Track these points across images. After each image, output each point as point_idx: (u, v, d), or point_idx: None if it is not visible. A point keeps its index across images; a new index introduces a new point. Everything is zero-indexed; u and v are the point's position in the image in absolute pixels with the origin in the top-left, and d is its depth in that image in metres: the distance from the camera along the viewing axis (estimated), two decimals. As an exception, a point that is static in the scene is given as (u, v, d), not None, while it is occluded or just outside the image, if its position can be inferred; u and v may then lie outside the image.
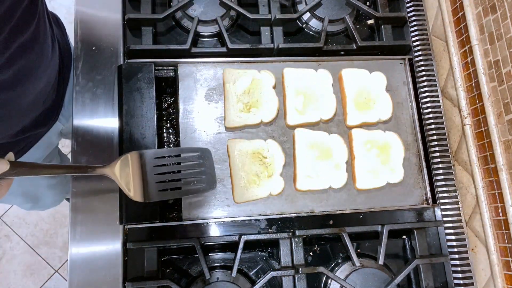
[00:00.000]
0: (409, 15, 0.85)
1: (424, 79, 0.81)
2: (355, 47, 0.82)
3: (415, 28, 0.83)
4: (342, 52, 0.83)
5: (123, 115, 0.71)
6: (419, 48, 0.82)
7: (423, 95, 0.81)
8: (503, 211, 0.68)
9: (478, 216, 0.72)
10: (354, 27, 0.82)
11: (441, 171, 0.77)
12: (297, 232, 0.72)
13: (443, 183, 0.76)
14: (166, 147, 0.79)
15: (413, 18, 0.84)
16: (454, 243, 0.74)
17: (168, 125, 0.80)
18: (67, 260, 1.12)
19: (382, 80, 0.80)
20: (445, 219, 0.76)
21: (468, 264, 0.73)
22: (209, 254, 0.76)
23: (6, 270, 1.76)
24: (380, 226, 0.75)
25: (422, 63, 0.81)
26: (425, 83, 0.81)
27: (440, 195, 0.77)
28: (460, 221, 0.75)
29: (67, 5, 2.02)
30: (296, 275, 0.71)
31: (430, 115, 0.79)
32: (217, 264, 0.75)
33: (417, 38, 0.83)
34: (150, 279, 0.68)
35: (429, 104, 0.80)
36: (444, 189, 0.76)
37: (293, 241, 0.73)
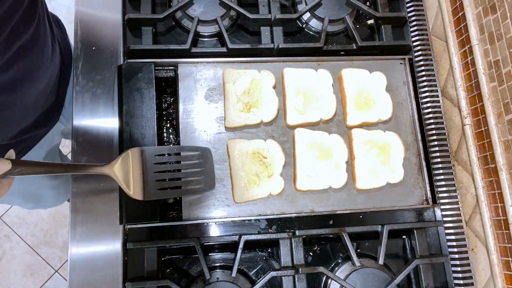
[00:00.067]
0: (409, 15, 0.85)
1: (424, 79, 0.81)
2: (355, 47, 0.82)
3: (415, 28, 0.83)
4: (342, 52, 0.83)
5: (123, 115, 0.71)
6: (419, 48, 0.82)
7: (423, 95, 0.81)
8: (503, 211, 0.68)
9: (478, 216, 0.73)
10: (354, 27, 0.82)
11: (441, 171, 0.77)
12: (297, 232, 0.72)
13: (443, 183, 0.76)
14: (166, 147, 0.79)
15: (413, 18, 0.84)
16: (454, 243, 0.74)
17: (168, 125, 0.80)
18: (67, 260, 1.12)
19: (382, 80, 0.80)
20: (445, 219, 0.76)
21: (468, 264, 0.73)
22: (209, 254, 0.76)
23: (6, 270, 1.76)
24: (380, 226, 0.75)
25: (422, 63, 0.81)
26: (425, 83, 0.81)
27: (440, 195, 0.77)
28: (460, 221, 0.75)
29: (67, 5, 2.02)
30: (296, 275, 0.71)
31: (430, 115, 0.79)
32: (217, 264, 0.75)
33: (417, 38, 0.83)
34: (150, 279, 0.68)
35: (429, 104, 0.80)
36: (444, 189, 0.76)
37: (293, 241, 0.73)
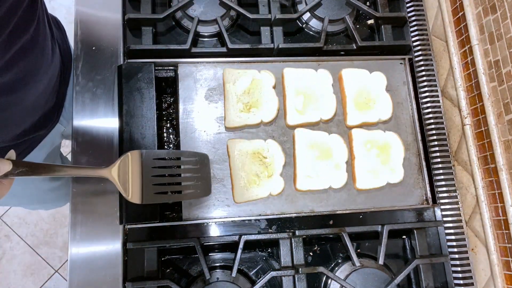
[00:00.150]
0: (409, 15, 0.85)
1: (424, 79, 0.81)
2: (355, 47, 0.82)
3: (415, 28, 0.83)
4: (342, 52, 0.83)
5: (123, 115, 0.71)
6: (419, 48, 0.82)
7: (423, 95, 0.81)
8: (503, 211, 0.68)
9: (478, 216, 0.72)
10: (354, 27, 0.82)
11: (441, 171, 0.77)
12: (297, 232, 0.72)
13: (443, 183, 0.76)
14: (166, 147, 0.79)
15: (413, 18, 0.84)
16: (454, 243, 0.74)
17: (168, 125, 0.80)
18: (67, 260, 1.12)
19: (382, 80, 0.80)
20: (445, 219, 0.76)
21: (468, 264, 0.73)
22: (209, 254, 0.76)
23: (6, 270, 1.76)
24: (380, 226, 0.75)
25: (422, 63, 0.81)
26: (425, 83, 0.81)
27: (440, 195, 0.77)
28: (460, 221, 0.75)
29: (67, 5, 2.03)
30: (296, 275, 0.71)
31: (430, 115, 0.79)
32: (217, 264, 0.75)
33: (417, 38, 0.83)
34: (150, 279, 0.68)
35: (429, 104, 0.80)
36: (444, 189, 0.76)
37: (293, 241, 0.73)
